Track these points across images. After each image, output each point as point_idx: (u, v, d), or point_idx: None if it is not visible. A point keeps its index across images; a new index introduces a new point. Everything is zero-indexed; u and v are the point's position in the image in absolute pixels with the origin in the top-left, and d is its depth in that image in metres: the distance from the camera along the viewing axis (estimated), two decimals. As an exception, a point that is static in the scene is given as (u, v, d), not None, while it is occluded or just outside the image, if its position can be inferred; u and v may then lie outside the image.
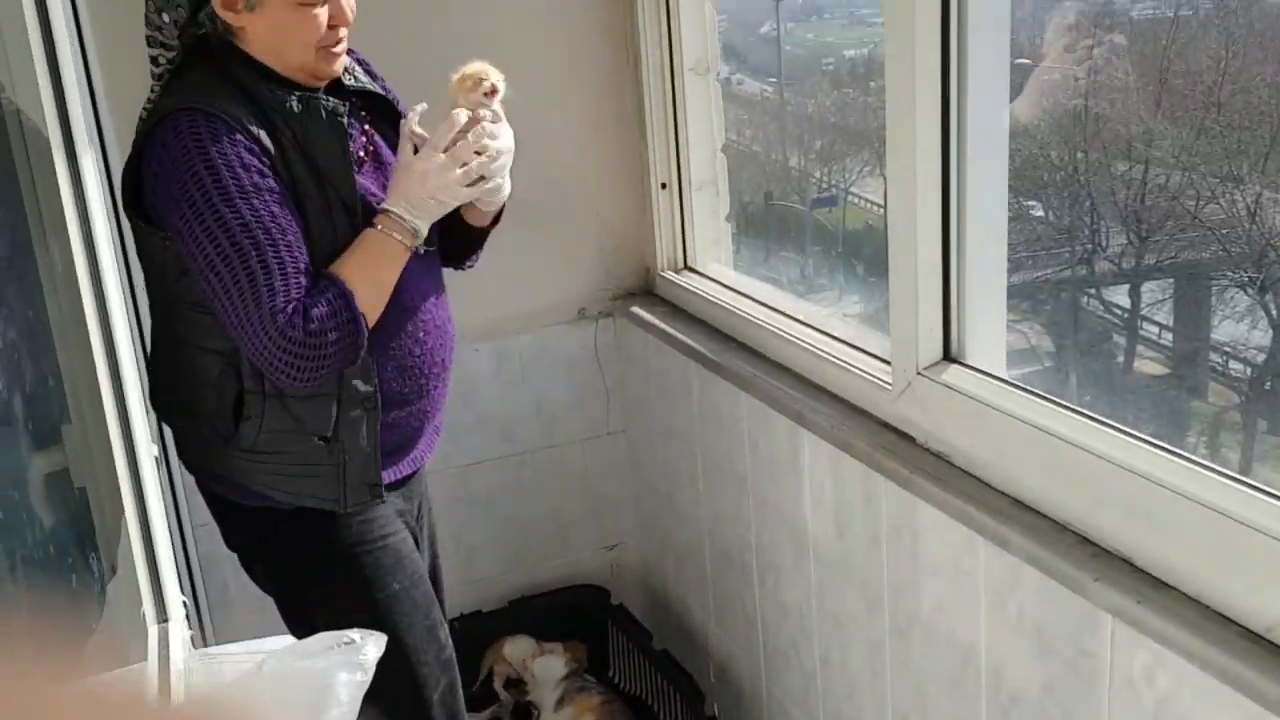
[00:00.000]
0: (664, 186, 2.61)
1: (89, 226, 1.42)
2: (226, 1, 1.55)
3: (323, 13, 1.58)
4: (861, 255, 4.00)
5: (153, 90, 1.62)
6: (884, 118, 1.80)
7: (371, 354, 1.66)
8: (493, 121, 1.66)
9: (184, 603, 1.80)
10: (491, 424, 2.72)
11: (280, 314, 1.53)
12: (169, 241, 1.59)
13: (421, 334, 1.73)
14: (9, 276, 1.31)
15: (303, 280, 1.56)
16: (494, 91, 1.64)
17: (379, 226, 1.63)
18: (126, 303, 1.83)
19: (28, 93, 1.36)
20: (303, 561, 1.78)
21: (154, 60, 1.61)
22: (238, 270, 1.53)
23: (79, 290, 1.47)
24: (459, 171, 1.63)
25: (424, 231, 1.65)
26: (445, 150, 1.63)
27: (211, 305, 1.57)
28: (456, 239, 1.83)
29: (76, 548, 1.54)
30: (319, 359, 1.56)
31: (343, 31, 1.62)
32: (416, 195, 1.63)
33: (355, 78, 1.72)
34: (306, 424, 1.66)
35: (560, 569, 2.86)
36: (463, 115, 1.63)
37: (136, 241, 1.67)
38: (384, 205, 1.64)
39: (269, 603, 1.84)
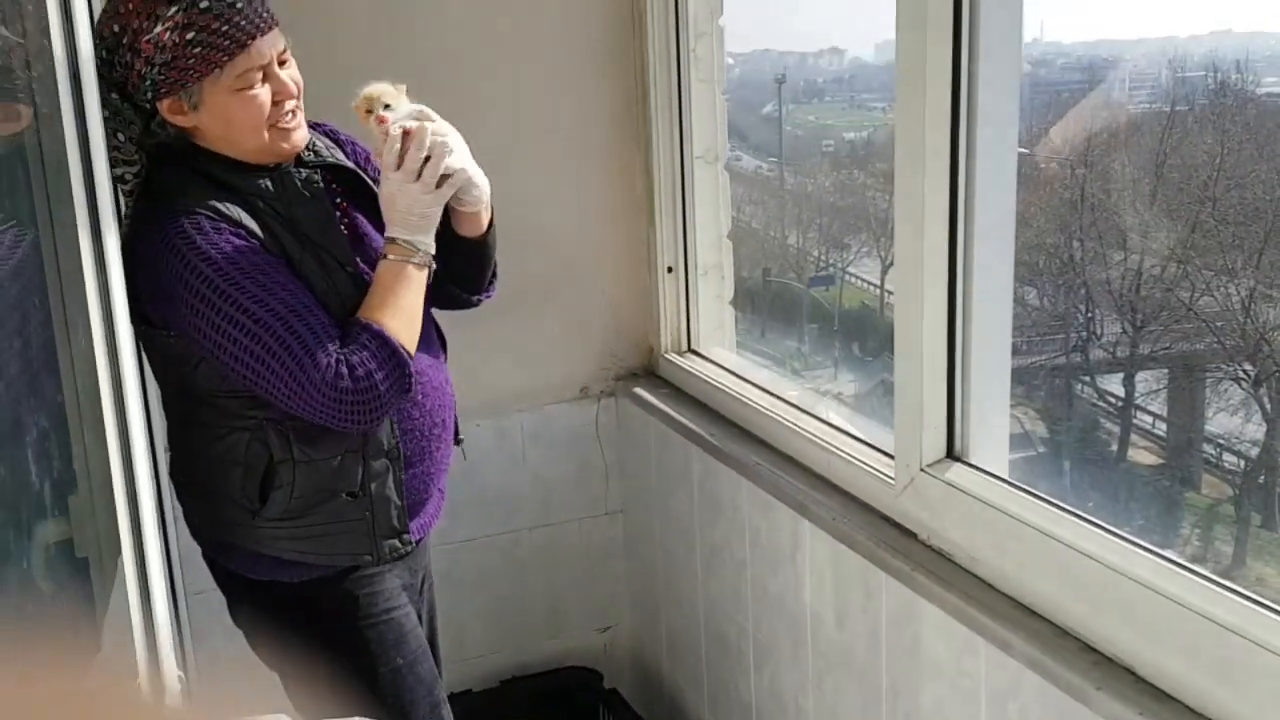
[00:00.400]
0: (670, 270, 2.64)
1: (109, 304, 1.44)
2: (172, 107, 1.59)
3: (264, 92, 1.60)
4: (857, 334, 4.03)
5: (127, 206, 1.65)
6: (880, 200, 1.83)
7: None
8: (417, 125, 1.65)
9: (179, 677, 1.79)
10: (489, 500, 2.72)
11: (328, 371, 1.55)
12: (174, 337, 1.60)
13: (419, 396, 1.74)
14: (43, 365, 1.32)
15: (333, 333, 1.59)
16: (381, 120, 1.63)
17: (388, 256, 1.65)
18: (138, 373, 1.84)
19: (60, 178, 1.38)
20: (307, 636, 1.78)
21: (121, 179, 1.63)
22: (270, 345, 1.55)
23: (95, 362, 1.48)
24: (417, 183, 1.64)
25: (427, 245, 1.66)
26: (397, 169, 1.64)
27: (251, 386, 1.59)
28: (459, 260, 1.81)
29: (74, 617, 1.53)
30: (375, 400, 1.59)
31: (290, 104, 1.64)
32: (399, 217, 1.65)
33: (316, 153, 1.74)
34: (336, 482, 1.69)
35: (553, 649, 2.84)
36: (395, 129, 1.63)
37: (143, 343, 1.68)
38: (386, 234, 1.67)
39: (261, 674, 1.82)
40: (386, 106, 1.63)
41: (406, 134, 1.63)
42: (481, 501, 2.70)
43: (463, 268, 1.83)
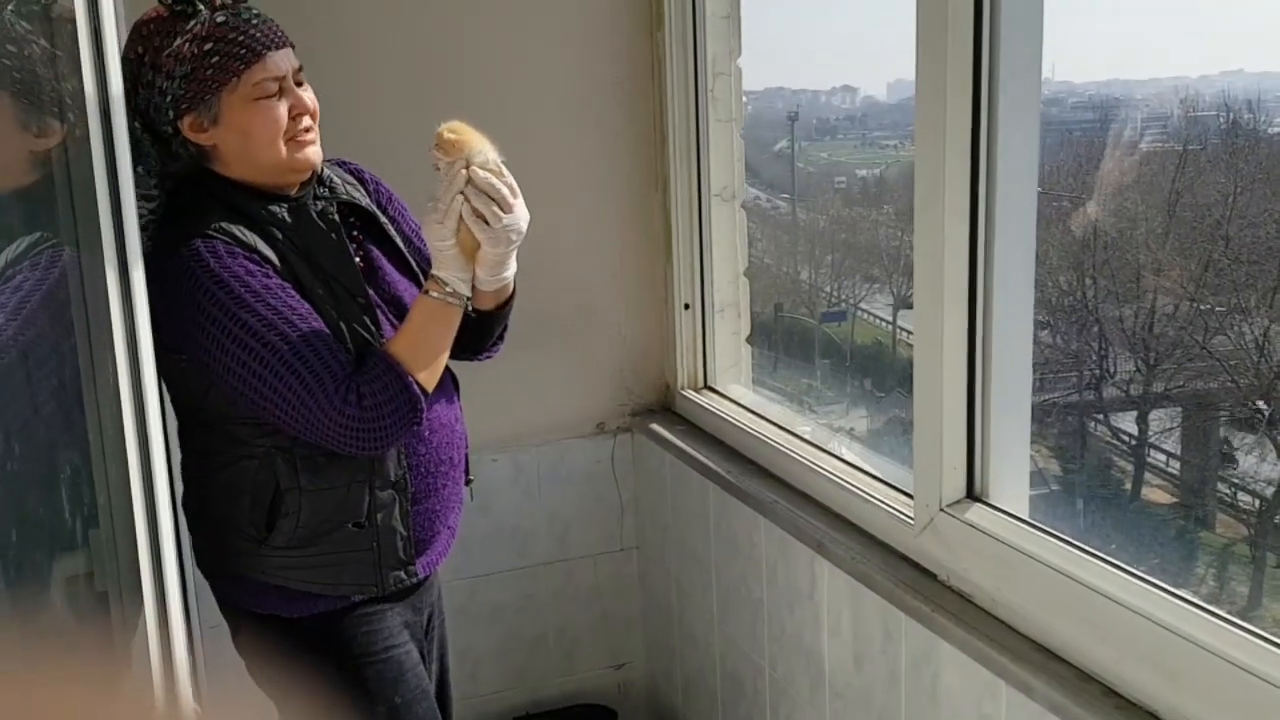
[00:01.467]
0: (687, 307, 2.66)
1: (135, 339, 1.45)
2: (192, 124, 1.62)
3: (281, 105, 1.64)
4: (869, 370, 4.03)
5: (142, 242, 1.66)
6: (892, 237, 1.83)
7: None
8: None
9: (195, 711, 1.79)
10: (504, 536, 2.72)
11: (335, 395, 1.57)
12: (186, 361, 1.61)
13: (427, 432, 1.75)
14: (74, 402, 1.33)
15: (341, 357, 1.60)
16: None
17: (425, 290, 1.67)
18: (160, 408, 1.85)
19: (88, 211, 1.40)
20: (306, 671, 1.77)
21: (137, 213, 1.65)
22: (279, 370, 1.56)
23: (119, 397, 1.49)
24: (431, 218, 1.65)
25: (454, 282, 1.66)
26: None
27: (259, 411, 1.60)
28: (468, 327, 1.81)
29: (94, 650, 1.53)
30: (381, 429, 1.60)
31: (306, 120, 1.67)
32: (432, 253, 1.67)
33: (332, 189, 1.75)
34: (342, 512, 1.69)
35: (567, 687, 2.83)
36: (442, 164, 1.64)
37: (157, 368, 1.69)
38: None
39: (272, 708, 1.82)
40: (437, 145, 1.64)
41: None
42: (496, 537, 2.70)
43: (471, 334, 1.83)
